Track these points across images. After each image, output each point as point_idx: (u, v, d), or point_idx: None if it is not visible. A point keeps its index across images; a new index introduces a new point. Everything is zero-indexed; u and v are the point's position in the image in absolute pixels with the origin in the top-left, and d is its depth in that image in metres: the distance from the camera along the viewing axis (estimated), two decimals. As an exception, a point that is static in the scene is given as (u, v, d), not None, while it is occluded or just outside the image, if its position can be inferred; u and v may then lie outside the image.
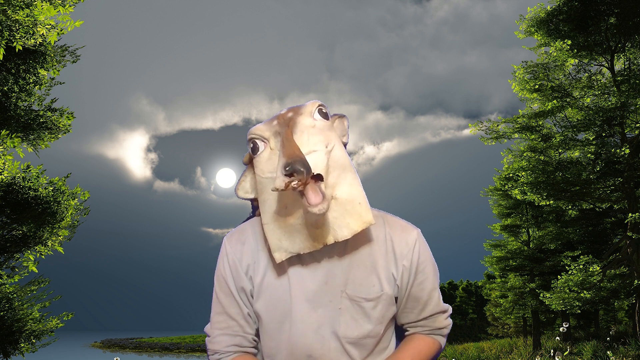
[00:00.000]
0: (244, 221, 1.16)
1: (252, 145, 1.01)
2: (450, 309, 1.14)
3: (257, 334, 1.13)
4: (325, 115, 1.01)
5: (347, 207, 0.96)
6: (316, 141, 0.95)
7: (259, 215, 1.10)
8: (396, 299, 1.09)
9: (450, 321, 1.14)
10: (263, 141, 1.00)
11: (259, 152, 1.00)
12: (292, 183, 0.85)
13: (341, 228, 0.97)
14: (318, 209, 0.88)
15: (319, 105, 1.01)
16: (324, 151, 0.94)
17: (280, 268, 1.06)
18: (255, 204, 1.14)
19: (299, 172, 0.84)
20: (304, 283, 1.04)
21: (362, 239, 1.06)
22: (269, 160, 0.98)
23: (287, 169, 0.84)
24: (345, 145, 1.08)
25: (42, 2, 6.06)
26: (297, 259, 1.04)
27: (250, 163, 1.09)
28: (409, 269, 1.06)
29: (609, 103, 11.08)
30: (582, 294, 10.91)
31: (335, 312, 1.04)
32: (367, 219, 0.97)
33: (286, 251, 1.00)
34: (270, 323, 1.06)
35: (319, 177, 0.91)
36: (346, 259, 1.04)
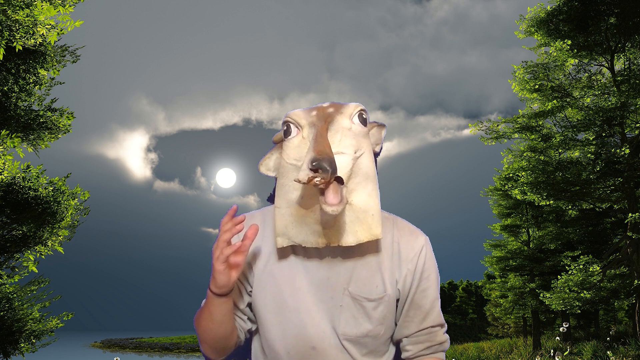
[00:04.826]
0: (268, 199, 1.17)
1: (285, 127, 1.02)
2: (446, 325, 1.13)
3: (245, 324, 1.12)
4: (364, 122, 1.02)
5: (359, 215, 0.97)
6: (347, 144, 0.96)
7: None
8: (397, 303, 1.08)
9: (447, 336, 1.12)
10: (297, 127, 1.01)
11: (290, 137, 1.01)
12: (315, 179, 0.85)
13: (348, 234, 0.97)
14: (332, 209, 0.88)
15: (361, 110, 1.01)
16: (351, 156, 0.95)
17: (285, 258, 1.05)
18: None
19: (325, 170, 0.84)
20: (306, 276, 1.04)
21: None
22: (298, 147, 0.99)
23: (313, 163, 0.84)
24: (378, 154, 1.09)
25: (42, 2, 6.06)
26: (302, 251, 1.04)
27: (279, 143, 1.10)
28: (412, 272, 1.06)
29: (609, 103, 11.09)
30: (582, 294, 10.92)
31: (335, 309, 1.04)
32: (375, 232, 0.97)
33: (289, 239, 1.00)
34: (268, 312, 1.06)
35: (340, 180, 0.91)
36: (351, 258, 1.04)
